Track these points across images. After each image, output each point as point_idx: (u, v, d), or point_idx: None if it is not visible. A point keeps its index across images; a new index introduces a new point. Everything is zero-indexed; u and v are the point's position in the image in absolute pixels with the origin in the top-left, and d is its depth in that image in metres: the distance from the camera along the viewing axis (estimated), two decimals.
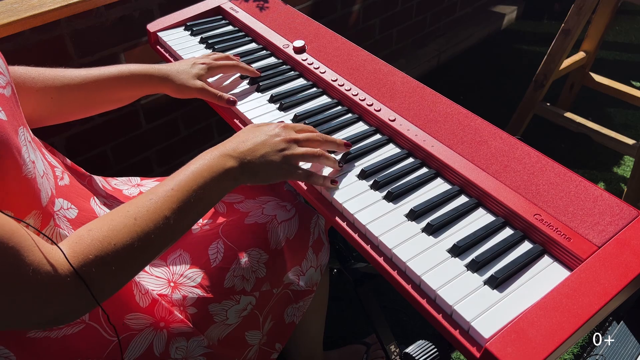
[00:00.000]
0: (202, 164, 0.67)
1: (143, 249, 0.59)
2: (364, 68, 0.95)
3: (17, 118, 0.63)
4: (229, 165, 0.68)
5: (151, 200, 0.61)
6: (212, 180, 0.66)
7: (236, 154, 0.69)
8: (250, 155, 0.70)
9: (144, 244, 0.58)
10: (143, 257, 0.60)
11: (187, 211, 0.63)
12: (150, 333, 0.72)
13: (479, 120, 0.81)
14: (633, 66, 2.46)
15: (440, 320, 0.59)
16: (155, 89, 0.90)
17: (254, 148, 0.71)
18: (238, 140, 0.72)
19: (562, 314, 0.55)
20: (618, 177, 1.83)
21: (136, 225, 0.58)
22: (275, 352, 0.93)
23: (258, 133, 0.74)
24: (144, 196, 0.62)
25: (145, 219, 0.59)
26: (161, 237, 0.60)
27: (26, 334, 0.63)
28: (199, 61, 0.93)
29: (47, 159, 0.71)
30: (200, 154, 0.69)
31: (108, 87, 0.86)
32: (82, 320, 0.66)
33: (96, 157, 1.43)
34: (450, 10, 2.50)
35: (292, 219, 0.88)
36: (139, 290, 0.72)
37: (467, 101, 2.15)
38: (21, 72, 0.80)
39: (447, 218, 0.68)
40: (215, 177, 0.66)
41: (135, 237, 0.58)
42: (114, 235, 0.57)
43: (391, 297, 1.42)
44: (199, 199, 0.64)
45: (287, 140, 0.73)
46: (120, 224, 0.58)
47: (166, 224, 0.60)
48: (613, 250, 0.61)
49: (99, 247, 0.55)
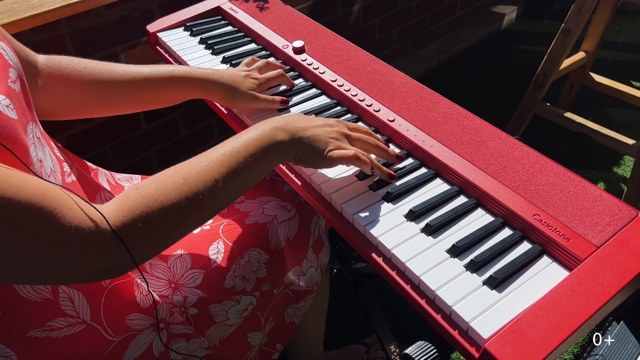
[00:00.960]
0: (255, 133, 0.67)
1: (190, 209, 0.59)
2: (364, 68, 0.95)
3: (27, 114, 0.63)
4: (280, 137, 0.68)
5: (201, 163, 0.62)
6: (262, 150, 0.66)
7: (288, 127, 0.69)
8: (301, 132, 0.70)
9: (191, 205, 0.59)
10: (190, 218, 0.60)
11: (236, 177, 0.63)
12: (150, 334, 0.72)
13: (478, 120, 0.81)
14: (633, 66, 2.46)
15: (439, 321, 0.59)
16: (206, 94, 0.88)
17: (306, 127, 0.71)
18: (292, 117, 0.72)
19: (561, 314, 0.55)
20: (618, 177, 1.83)
21: (185, 185, 0.59)
22: (276, 352, 0.93)
23: (314, 118, 0.74)
24: (194, 159, 0.63)
25: (195, 180, 0.60)
26: (209, 200, 0.61)
27: (27, 333, 0.63)
28: (252, 75, 0.91)
29: (55, 154, 0.71)
30: (252, 126, 0.69)
31: (157, 87, 0.85)
32: (83, 320, 0.67)
33: (96, 157, 1.43)
34: (450, 10, 2.50)
35: (293, 219, 0.88)
36: (139, 291, 0.72)
37: (467, 101, 2.15)
38: (67, 63, 0.79)
39: (446, 218, 0.68)
40: (266, 147, 0.66)
41: (184, 196, 0.58)
42: (161, 192, 0.57)
43: (391, 297, 1.42)
44: (248, 167, 0.64)
45: (339, 132, 0.73)
46: (168, 183, 0.58)
47: (215, 186, 0.61)
48: (612, 250, 0.61)
49: (145, 204, 0.56)
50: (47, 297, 0.63)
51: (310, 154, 0.71)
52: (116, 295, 0.69)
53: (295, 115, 0.74)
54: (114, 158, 1.48)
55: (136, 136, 1.50)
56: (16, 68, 0.64)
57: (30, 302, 0.62)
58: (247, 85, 0.89)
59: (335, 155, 0.71)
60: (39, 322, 0.63)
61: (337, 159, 0.71)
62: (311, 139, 0.70)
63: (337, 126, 0.74)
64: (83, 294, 0.67)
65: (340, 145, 0.72)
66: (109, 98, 0.83)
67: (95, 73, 0.81)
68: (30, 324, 0.63)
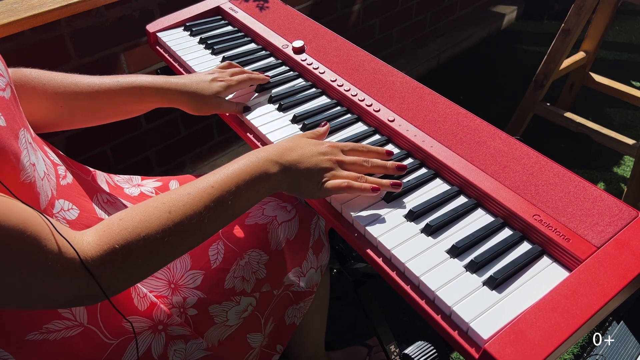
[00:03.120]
0: (246, 164, 0.66)
1: (172, 244, 0.58)
2: (363, 68, 0.95)
3: (18, 120, 0.63)
4: (273, 170, 0.67)
5: (189, 195, 0.60)
6: (252, 183, 0.65)
7: (282, 160, 0.68)
8: (294, 165, 0.69)
9: (174, 240, 0.58)
10: (170, 252, 0.59)
11: (223, 210, 0.62)
12: (149, 336, 0.72)
13: (478, 120, 0.81)
14: (633, 66, 2.46)
15: (439, 321, 0.59)
16: (172, 104, 0.87)
17: (299, 160, 0.70)
18: (285, 148, 0.71)
19: (561, 314, 0.55)
20: (618, 177, 1.83)
21: (169, 220, 0.57)
22: (276, 354, 0.93)
23: (306, 146, 0.72)
24: (181, 189, 0.61)
25: (180, 214, 0.58)
26: (192, 234, 0.60)
27: (25, 336, 0.62)
28: (218, 78, 0.90)
29: (49, 157, 0.71)
30: (244, 155, 0.68)
31: (120, 99, 0.84)
32: (81, 323, 0.66)
33: (96, 157, 1.43)
34: (450, 10, 2.50)
35: (293, 220, 0.88)
36: (137, 293, 0.71)
37: (467, 101, 2.15)
38: (33, 76, 0.78)
39: (446, 219, 0.68)
40: (256, 180, 0.65)
41: (167, 231, 0.57)
42: (144, 227, 0.56)
43: (391, 298, 1.42)
44: (236, 199, 0.63)
45: (332, 161, 0.72)
46: (153, 216, 0.57)
47: (200, 221, 0.59)
48: (612, 250, 0.61)
49: (127, 238, 0.55)
50: None
51: (303, 186, 0.71)
52: (113, 298, 0.69)
53: (289, 142, 0.72)
54: (114, 158, 1.48)
55: (136, 136, 1.50)
56: (5, 75, 0.64)
57: None
58: (213, 90, 0.87)
59: (329, 186, 0.70)
60: (36, 325, 0.63)
61: (331, 189, 0.70)
62: (304, 172, 0.70)
63: (330, 154, 0.73)
64: None
65: (335, 174, 0.71)
66: (73, 111, 0.82)
67: (58, 86, 0.79)
68: (28, 327, 0.63)
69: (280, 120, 0.89)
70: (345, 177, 0.72)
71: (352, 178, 0.72)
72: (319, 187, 0.70)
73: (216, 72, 0.92)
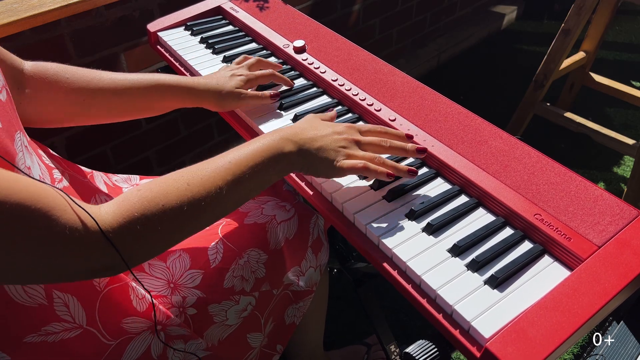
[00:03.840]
0: (262, 143, 0.67)
1: (191, 214, 0.58)
2: (364, 68, 0.95)
3: (14, 123, 0.62)
4: (288, 149, 0.68)
5: (206, 169, 0.61)
6: (268, 160, 0.66)
7: (296, 138, 0.69)
8: (309, 144, 0.69)
9: (193, 210, 0.58)
10: (189, 223, 0.60)
11: (240, 185, 0.63)
12: (148, 336, 0.72)
13: (479, 120, 0.81)
14: (633, 66, 2.46)
15: (440, 320, 0.59)
16: (196, 102, 0.87)
17: (314, 138, 0.70)
18: (300, 127, 0.71)
19: (562, 313, 0.55)
20: (618, 177, 1.83)
21: (188, 190, 0.58)
22: (276, 353, 0.93)
23: (321, 125, 0.73)
24: (200, 164, 0.62)
25: (198, 186, 0.59)
26: (211, 206, 0.60)
27: (23, 337, 0.62)
28: (237, 72, 0.90)
29: (44, 162, 0.71)
30: (261, 135, 0.69)
31: (144, 95, 0.84)
32: (80, 325, 0.66)
33: (96, 157, 1.43)
34: (450, 10, 2.50)
35: (292, 219, 0.88)
36: (135, 295, 0.71)
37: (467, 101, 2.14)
38: (55, 70, 0.78)
39: (447, 218, 0.68)
40: (273, 157, 0.66)
41: (186, 201, 0.57)
42: (163, 196, 0.56)
43: (391, 297, 1.42)
44: (253, 176, 0.64)
45: (348, 140, 0.72)
46: (171, 187, 0.58)
47: (218, 193, 0.60)
48: (613, 250, 0.61)
49: (146, 206, 0.55)
50: (41, 303, 0.63)
51: (318, 165, 0.70)
52: (111, 299, 0.69)
53: (304, 123, 0.73)
54: (114, 158, 1.47)
55: (136, 136, 1.50)
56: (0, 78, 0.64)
57: (25, 307, 0.62)
58: (233, 84, 0.87)
59: (346, 165, 0.69)
60: (35, 327, 0.63)
61: (347, 169, 0.69)
62: (319, 150, 0.69)
63: (346, 133, 0.72)
64: (78, 299, 0.66)
65: (350, 153, 0.70)
66: (95, 106, 0.82)
67: (82, 80, 0.79)
68: (26, 329, 0.62)
69: (282, 119, 0.89)
70: (361, 157, 0.70)
71: (367, 158, 0.71)
72: (334, 167, 0.69)
73: (235, 68, 0.92)
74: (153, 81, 0.84)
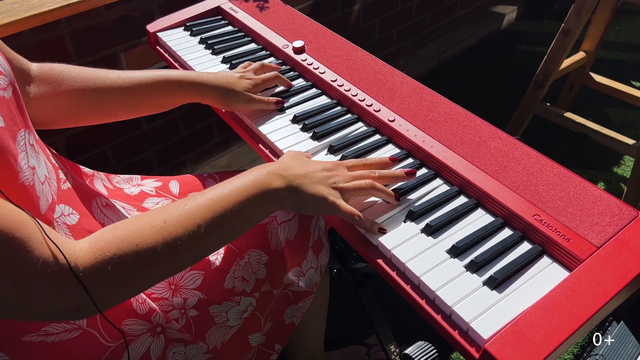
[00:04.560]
0: (248, 179, 0.63)
1: (167, 255, 0.55)
2: (364, 68, 0.95)
3: (18, 121, 0.62)
4: (276, 185, 0.64)
5: (186, 207, 0.58)
6: (254, 197, 0.62)
7: (285, 174, 0.66)
8: (299, 179, 0.66)
9: (168, 250, 0.55)
10: (164, 264, 0.56)
11: (222, 224, 0.59)
12: (147, 339, 0.72)
13: (478, 120, 0.81)
14: (633, 66, 2.46)
15: (439, 321, 0.59)
16: (203, 98, 0.87)
17: (305, 174, 0.67)
18: (288, 163, 0.68)
19: (561, 314, 0.55)
20: (618, 177, 1.83)
21: (164, 229, 0.55)
22: (274, 353, 0.93)
23: (309, 162, 0.70)
24: (179, 202, 0.59)
25: (175, 224, 0.56)
26: (189, 247, 0.57)
27: (22, 337, 0.62)
28: (247, 76, 0.90)
29: (51, 161, 0.71)
30: (248, 170, 0.66)
31: (152, 92, 0.84)
32: (80, 326, 0.66)
33: (96, 157, 1.43)
34: (450, 10, 2.50)
35: (292, 220, 0.88)
36: (135, 299, 0.71)
37: (467, 101, 2.15)
38: (60, 70, 0.79)
39: (446, 219, 0.68)
40: (259, 194, 0.62)
41: (161, 240, 0.54)
42: (138, 235, 0.54)
43: (391, 298, 1.42)
44: (236, 213, 0.60)
45: (338, 176, 0.70)
46: (147, 225, 0.55)
47: (196, 232, 0.56)
48: (612, 250, 0.61)
49: (119, 246, 0.52)
50: None
51: (309, 203, 0.67)
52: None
53: (291, 159, 0.70)
54: (114, 158, 1.47)
55: (136, 136, 1.50)
56: (7, 74, 0.63)
57: None
58: (242, 86, 0.88)
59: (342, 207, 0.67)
60: (35, 327, 0.63)
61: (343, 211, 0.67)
62: (311, 186, 0.66)
63: (335, 169, 0.70)
64: None
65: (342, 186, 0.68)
66: (103, 104, 0.82)
67: (88, 79, 0.80)
68: (25, 328, 0.62)
69: (281, 120, 0.89)
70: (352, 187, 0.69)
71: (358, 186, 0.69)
72: (328, 203, 0.67)
73: (242, 71, 0.93)
74: (160, 77, 0.84)
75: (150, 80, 0.83)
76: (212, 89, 0.87)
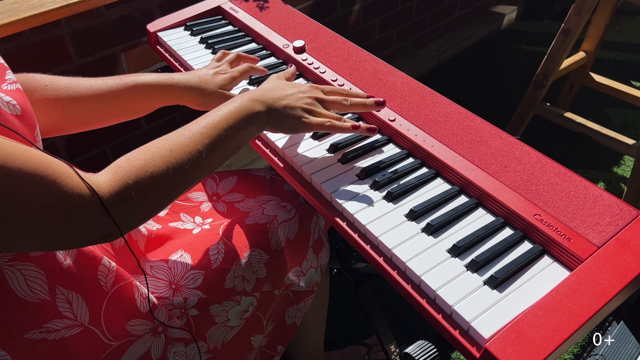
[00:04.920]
0: (233, 106, 0.71)
1: (177, 178, 0.63)
2: (364, 68, 0.95)
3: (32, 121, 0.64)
4: (257, 109, 0.72)
5: (185, 136, 0.65)
6: (241, 121, 0.70)
7: (264, 98, 0.74)
8: (276, 102, 0.74)
9: (178, 174, 0.63)
10: (177, 186, 0.64)
11: (218, 147, 0.68)
12: (149, 338, 0.72)
13: (478, 120, 0.81)
14: (633, 66, 2.46)
15: (440, 321, 0.59)
16: (177, 100, 0.86)
17: (280, 97, 0.75)
18: (267, 88, 0.77)
19: (562, 314, 0.55)
20: (618, 177, 1.83)
21: (171, 157, 0.63)
22: (277, 354, 0.93)
23: (287, 85, 0.78)
24: (177, 132, 0.66)
25: (180, 151, 0.64)
26: (193, 169, 0.65)
27: (23, 334, 0.62)
28: (220, 71, 0.88)
29: None
30: (230, 99, 0.74)
31: (125, 98, 0.83)
32: (81, 323, 0.66)
33: (96, 157, 1.43)
34: (450, 10, 2.50)
35: (293, 220, 0.88)
36: (139, 294, 0.71)
37: (467, 101, 2.15)
38: (35, 79, 0.78)
39: (447, 218, 0.68)
40: (245, 118, 0.71)
41: (171, 166, 0.62)
42: (151, 164, 0.61)
43: (391, 297, 1.42)
44: (229, 137, 0.69)
45: (313, 97, 0.78)
46: (156, 155, 0.62)
47: (199, 157, 0.65)
48: (613, 250, 0.61)
49: (137, 174, 0.59)
50: (44, 298, 0.63)
51: (286, 122, 0.75)
52: (118, 300, 0.69)
53: (270, 84, 0.78)
54: (114, 158, 1.46)
55: (136, 136, 1.50)
56: None
57: (27, 302, 0.62)
58: (217, 83, 0.86)
59: (313, 122, 0.75)
60: (36, 324, 0.63)
61: (315, 125, 0.75)
62: (286, 108, 0.75)
63: (309, 92, 0.78)
64: (83, 297, 0.66)
65: (315, 110, 0.76)
66: (76, 113, 0.81)
67: (60, 88, 0.79)
68: (27, 325, 0.63)
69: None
70: (327, 117, 0.77)
71: (334, 118, 0.77)
72: (301, 122, 0.75)
73: (217, 66, 0.91)
74: (130, 83, 0.83)
75: (121, 87, 0.82)
76: (185, 90, 0.84)
